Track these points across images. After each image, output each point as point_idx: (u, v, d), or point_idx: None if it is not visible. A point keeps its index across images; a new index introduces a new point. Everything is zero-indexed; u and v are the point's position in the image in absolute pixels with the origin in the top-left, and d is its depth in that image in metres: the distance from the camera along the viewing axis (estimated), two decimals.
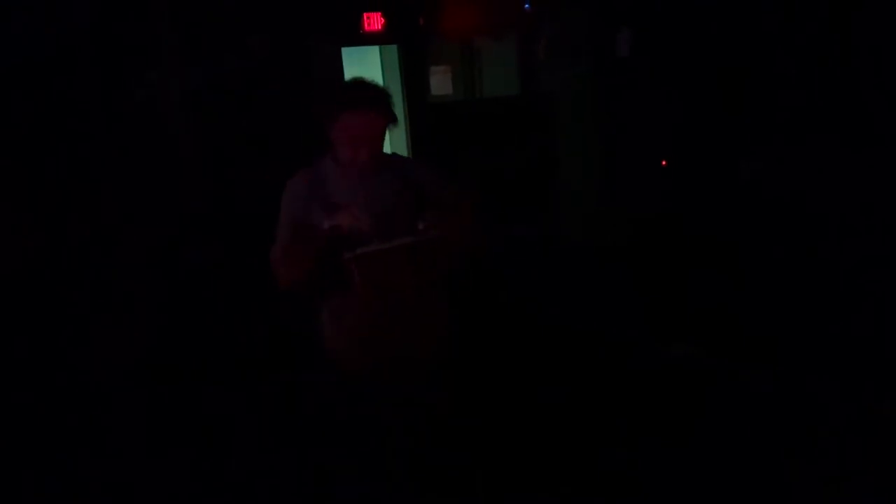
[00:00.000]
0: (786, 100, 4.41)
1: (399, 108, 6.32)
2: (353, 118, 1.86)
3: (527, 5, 5.13)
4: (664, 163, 4.75)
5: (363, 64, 7.40)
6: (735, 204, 4.57)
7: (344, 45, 5.63)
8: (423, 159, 5.34)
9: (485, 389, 3.14)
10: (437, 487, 2.03)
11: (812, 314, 3.59)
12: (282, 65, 4.78)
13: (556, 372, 3.46)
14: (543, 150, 5.27)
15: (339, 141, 1.89)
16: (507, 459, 2.71)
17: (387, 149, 2.08)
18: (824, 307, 3.60)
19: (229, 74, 4.54)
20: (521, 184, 5.14)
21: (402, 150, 6.38)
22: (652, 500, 2.58)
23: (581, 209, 5.16)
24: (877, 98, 3.91)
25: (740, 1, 4.47)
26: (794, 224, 4.27)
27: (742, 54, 4.49)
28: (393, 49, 6.19)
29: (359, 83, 1.93)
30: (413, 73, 5.72)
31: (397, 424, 1.96)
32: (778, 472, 2.61)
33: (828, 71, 4.15)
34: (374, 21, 5.31)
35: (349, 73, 5.82)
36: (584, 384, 3.33)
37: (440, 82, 5.59)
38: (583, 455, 2.80)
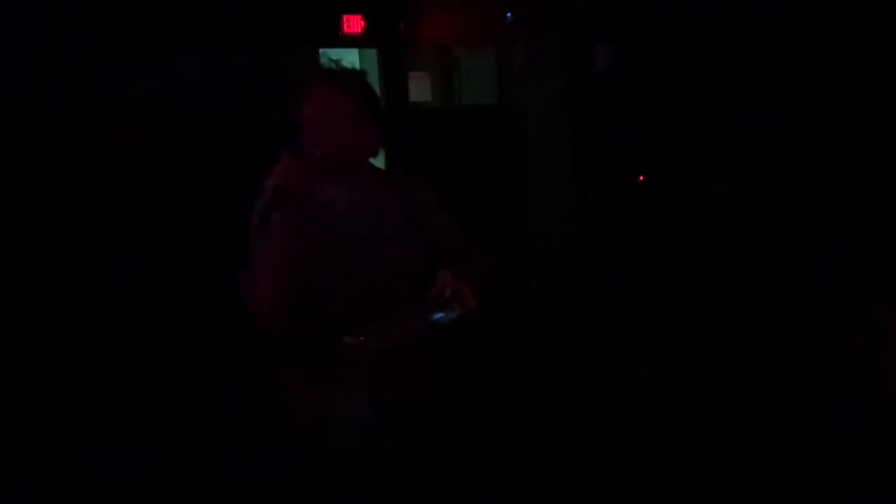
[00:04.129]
0: (759, 118, 4.46)
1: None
2: (313, 100, 1.55)
3: (509, 14, 5.12)
4: (641, 178, 4.77)
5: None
6: (706, 224, 4.60)
7: (321, 47, 5.55)
8: (398, 165, 5.30)
9: (483, 391, 3.12)
10: (437, 487, 1.95)
11: (787, 335, 3.62)
12: (256, 65, 4.69)
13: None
14: (519, 161, 5.25)
15: (305, 125, 1.55)
16: (506, 460, 2.68)
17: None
18: (800, 328, 3.63)
19: (200, 74, 4.43)
20: (492, 196, 5.11)
21: (380, 153, 6.32)
22: (651, 501, 2.57)
23: (550, 226, 5.15)
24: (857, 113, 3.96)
25: (721, 14, 4.50)
26: (764, 244, 4.30)
27: (721, 69, 4.53)
28: (372, 53, 6.13)
29: (332, 65, 1.65)
30: (392, 78, 5.67)
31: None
32: (774, 477, 2.62)
33: (806, 88, 4.20)
34: (353, 24, 5.25)
35: None
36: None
37: (419, 88, 5.55)
38: (581, 456, 2.79)
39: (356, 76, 1.60)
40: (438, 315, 1.38)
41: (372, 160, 1.69)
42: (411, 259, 1.58)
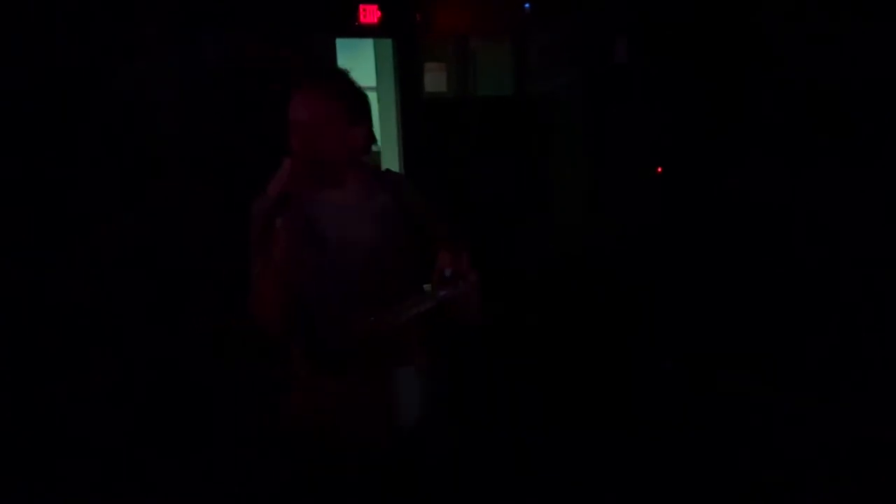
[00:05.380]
0: (775, 111, 4.40)
1: (392, 103, 6.28)
2: (294, 100, 1.52)
3: (526, 5, 5.07)
4: (659, 169, 4.72)
5: (356, 57, 7.31)
6: (721, 215, 4.56)
7: (338, 37, 5.55)
8: (414, 156, 5.28)
9: (480, 400, 3.13)
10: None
11: (801, 324, 3.60)
12: (272, 54, 4.67)
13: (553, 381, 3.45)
14: (534, 154, 5.22)
15: (289, 132, 1.54)
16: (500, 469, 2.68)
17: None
18: (814, 316, 3.61)
19: (214, 64, 4.40)
20: (511, 187, 5.08)
21: (393, 145, 6.31)
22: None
23: (569, 217, 5.12)
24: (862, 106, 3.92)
25: (736, 9, 4.44)
26: (780, 235, 4.26)
27: (738, 62, 4.48)
28: (387, 43, 6.11)
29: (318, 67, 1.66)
30: (407, 69, 5.65)
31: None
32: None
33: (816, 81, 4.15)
34: (369, 13, 5.24)
35: (341, 65, 5.74)
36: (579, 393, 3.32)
37: (434, 79, 5.52)
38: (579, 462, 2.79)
39: (338, 76, 1.58)
40: (443, 293, 1.39)
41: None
42: (408, 254, 1.59)
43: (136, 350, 3.46)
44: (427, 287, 1.43)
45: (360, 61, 7.41)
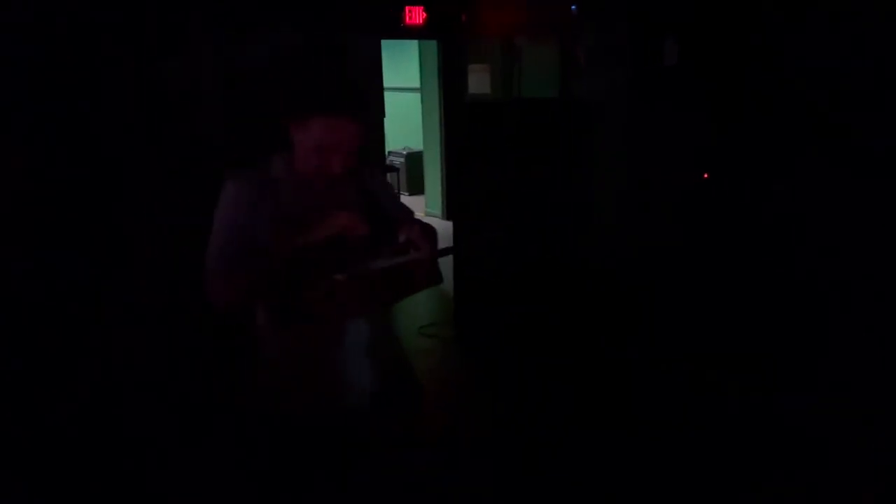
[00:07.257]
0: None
1: (435, 104, 6.24)
2: (326, 124, 1.56)
3: (573, 7, 5.00)
4: (706, 175, 4.61)
5: (400, 57, 7.34)
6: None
7: (383, 38, 5.57)
8: (456, 157, 5.25)
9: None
10: None
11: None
12: (316, 53, 4.69)
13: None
14: (578, 156, 5.13)
15: (305, 148, 1.60)
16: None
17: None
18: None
19: (260, 63, 4.43)
20: (554, 189, 5.02)
21: (436, 146, 6.30)
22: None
23: (610, 221, 5.02)
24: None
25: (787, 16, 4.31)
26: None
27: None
28: (432, 44, 6.11)
29: (333, 78, 1.65)
30: (451, 70, 5.63)
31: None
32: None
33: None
34: (415, 15, 5.25)
35: (386, 65, 5.76)
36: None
37: (478, 81, 5.49)
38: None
39: (358, 93, 1.66)
40: (397, 259, 1.57)
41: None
42: (369, 235, 1.65)
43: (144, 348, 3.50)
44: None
45: (404, 62, 7.44)
